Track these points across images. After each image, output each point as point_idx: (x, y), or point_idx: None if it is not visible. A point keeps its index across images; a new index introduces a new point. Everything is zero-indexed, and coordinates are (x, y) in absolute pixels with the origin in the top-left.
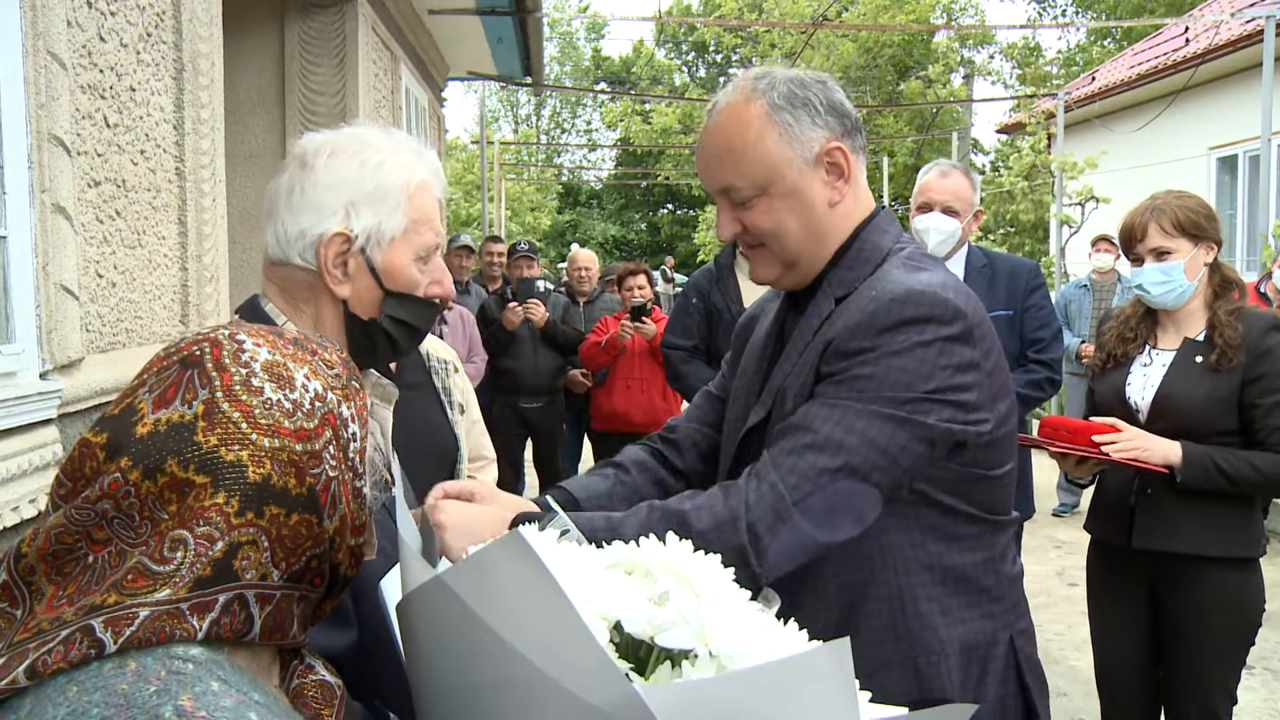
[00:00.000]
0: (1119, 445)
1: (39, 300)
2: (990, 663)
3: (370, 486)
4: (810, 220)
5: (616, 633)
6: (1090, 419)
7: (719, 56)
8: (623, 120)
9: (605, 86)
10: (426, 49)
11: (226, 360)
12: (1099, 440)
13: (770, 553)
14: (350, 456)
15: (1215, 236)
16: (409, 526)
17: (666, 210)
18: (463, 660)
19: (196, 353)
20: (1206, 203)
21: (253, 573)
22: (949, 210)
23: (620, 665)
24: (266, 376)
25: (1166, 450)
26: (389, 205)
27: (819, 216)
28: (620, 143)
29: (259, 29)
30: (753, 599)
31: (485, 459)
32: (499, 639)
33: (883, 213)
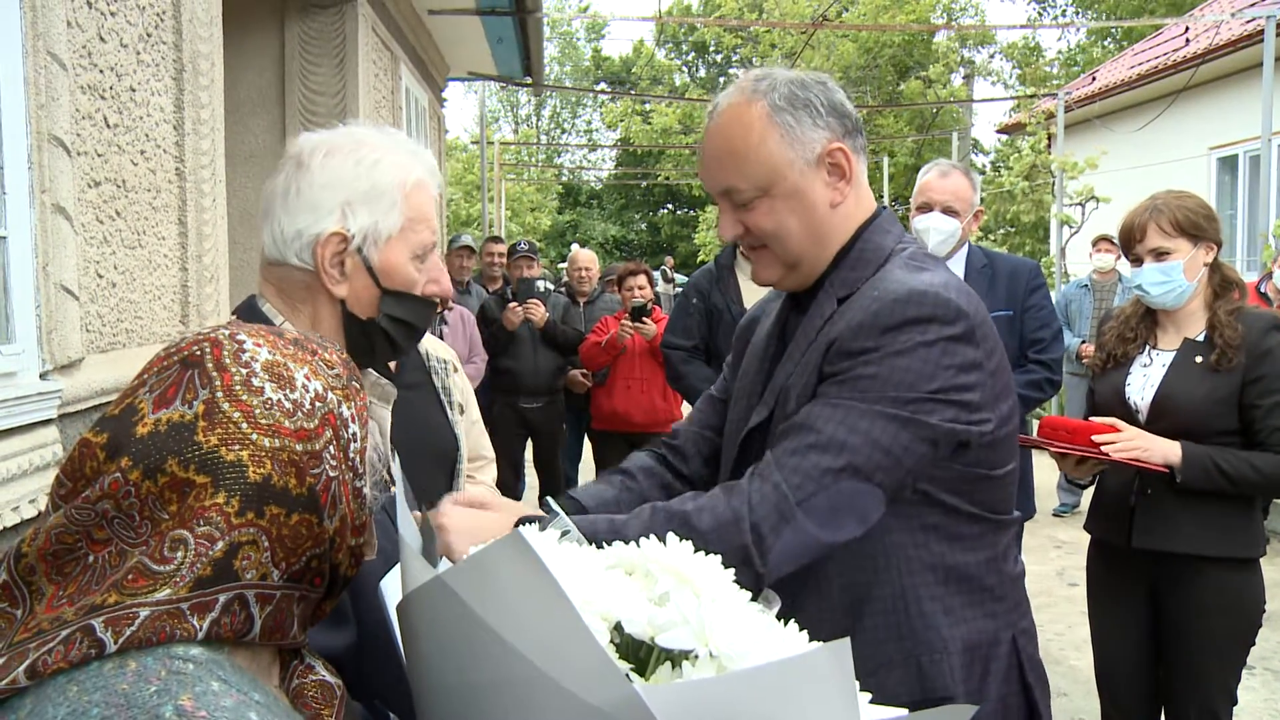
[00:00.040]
0: (1119, 445)
1: (39, 300)
2: (993, 662)
3: (370, 486)
4: (812, 221)
5: (617, 633)
6: (1090, 419)
7: (719, 57)
8: (623, 120)
9: (605, 87)
10: (426, 49)
11: (227, 360)
12: (1099, 440)
13: (774, 553)
14: (350, 457)
15: (1215, 237)
16: (409, 526)
17: (667, 210)
18: (463, 660)
19: (197, 353)
20: (1206, 203)
21: (253, 573)
22: (949, 210)
23: (621, 665)
24: (267, 376)
25: (1166, 450)
26: (385, 204)
27: (821, 217)
28: (620, 143)
29: (259, 29)
30: (753, 600)
31: (485, 459)
32: (499, 639)
33: (884, 213)
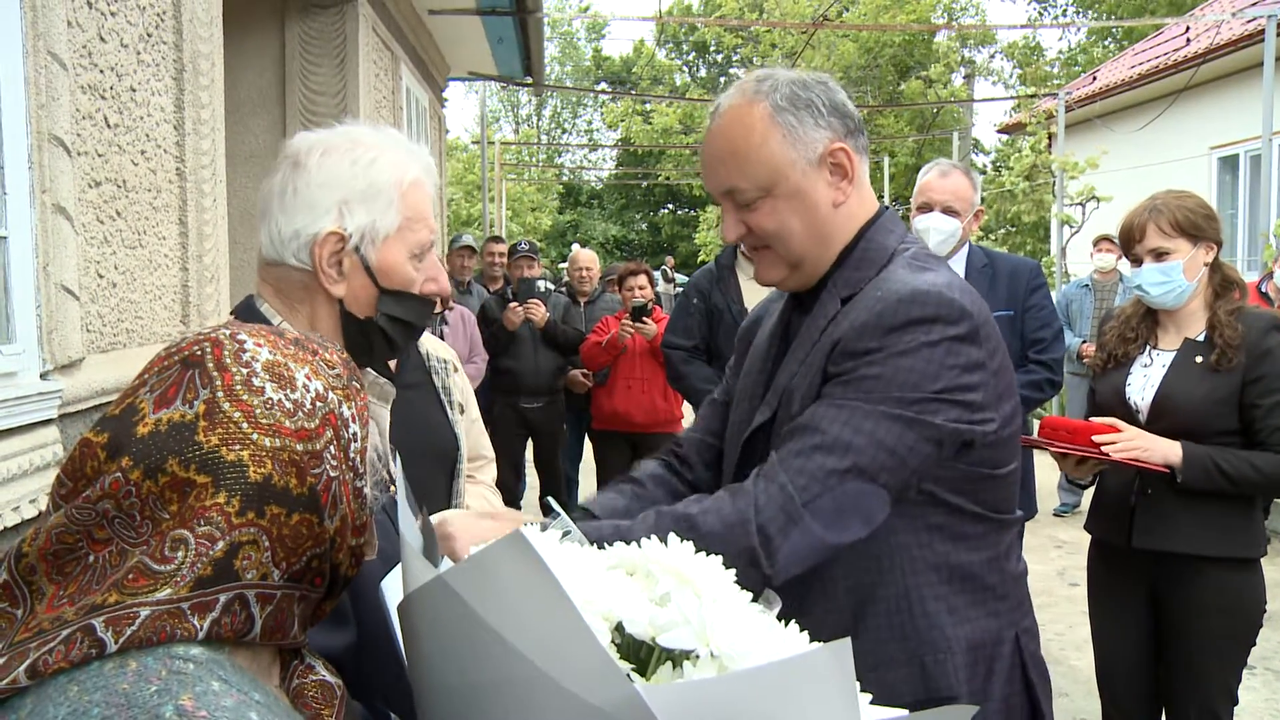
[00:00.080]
0: (1119, 445)
1: (39, 300)
2: (996, 661)
3: (371, 486)
4: (814, 221)
5: (618, 633)
6: (1090, 419)
7: (719, 56)
8: (623, 120)
9: (606, 86)
10: (427, 49)
11: (228, 360)
12: (1099, 440)
13: (781, 554)
14: (351, 456)
15: (1215, 236)
16: (410, 526)
17: (667, 210)
18: (464, 660)
19: (197, 352)
20: (1206, 203)
21: (253, 572)
22: (949, 210)
23: (622, 666)
24: (268, 376)
25: (1167, 450)
26: (382, 203)
27: (823, 217)
28: (621, 143)
29: (259, 29)
30: (754, 600)
31: (485, 458)
32: (500, 639)
33: (887, 213)
